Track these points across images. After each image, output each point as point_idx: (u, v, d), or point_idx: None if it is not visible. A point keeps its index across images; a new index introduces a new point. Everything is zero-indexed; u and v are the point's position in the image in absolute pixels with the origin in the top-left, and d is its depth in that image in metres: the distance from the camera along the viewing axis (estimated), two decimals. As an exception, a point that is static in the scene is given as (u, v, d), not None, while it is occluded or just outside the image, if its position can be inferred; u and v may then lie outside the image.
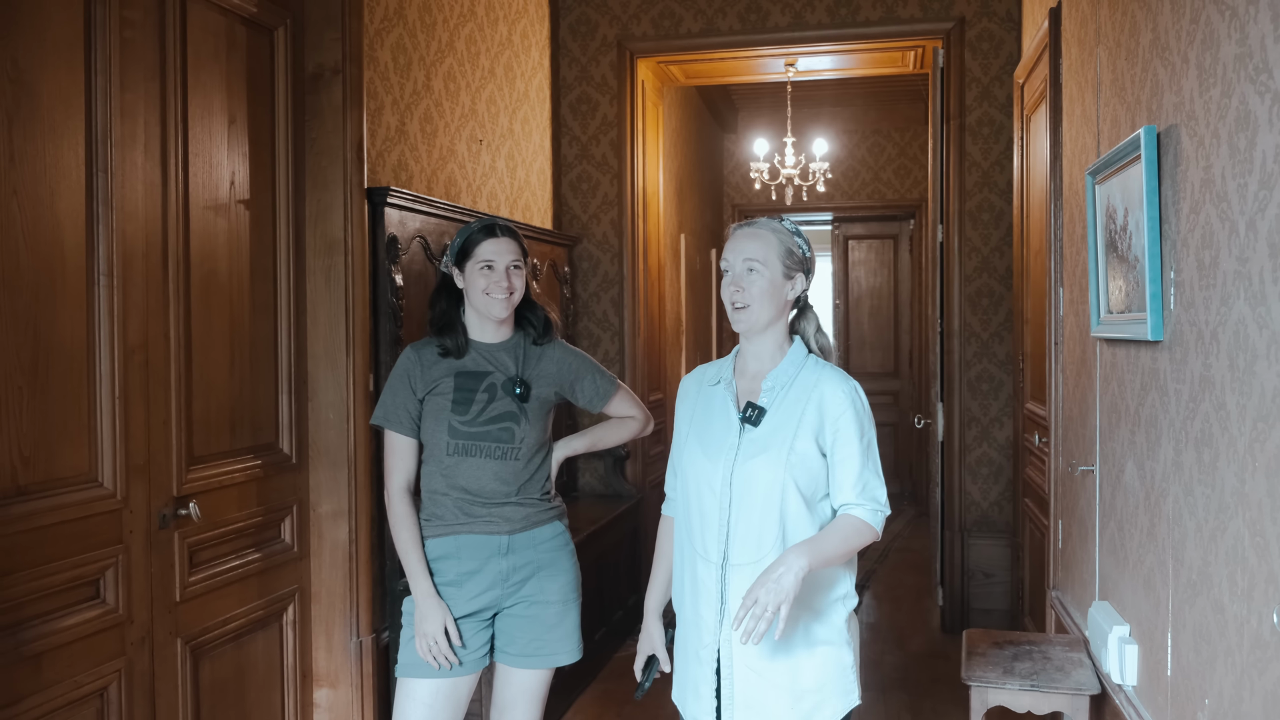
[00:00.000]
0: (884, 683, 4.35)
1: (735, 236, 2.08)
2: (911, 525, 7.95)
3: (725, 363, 2.16)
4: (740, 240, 2.07)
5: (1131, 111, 2.62)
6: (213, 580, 2.72)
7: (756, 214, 9.54)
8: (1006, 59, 4.93)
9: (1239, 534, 1.85)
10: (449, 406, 2.42)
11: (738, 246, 2.06)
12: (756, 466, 1.99)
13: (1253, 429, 1.78)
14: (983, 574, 5.02)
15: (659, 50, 5.24)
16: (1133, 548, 2.63)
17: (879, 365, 9.54)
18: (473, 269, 2.43)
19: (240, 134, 2.85)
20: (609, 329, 5.27)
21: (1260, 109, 1.73)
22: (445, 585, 2.40)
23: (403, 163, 3.56)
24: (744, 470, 1.99)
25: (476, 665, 2.42)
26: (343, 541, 3.15)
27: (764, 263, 2.04)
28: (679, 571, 2.12)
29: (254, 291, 2.92)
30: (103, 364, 2.35)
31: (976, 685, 2.84)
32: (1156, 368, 2.39)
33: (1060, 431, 3.62)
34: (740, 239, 2.07)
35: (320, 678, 3.18)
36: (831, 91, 8.00)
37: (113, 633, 2.38)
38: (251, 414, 2.91)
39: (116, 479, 2.38)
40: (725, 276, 2.06)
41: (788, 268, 2.07)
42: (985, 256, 5.00)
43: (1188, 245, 2.14)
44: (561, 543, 2.50)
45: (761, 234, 2.07)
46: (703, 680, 2.05)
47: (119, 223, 2.38)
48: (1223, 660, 1.95)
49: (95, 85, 2.32)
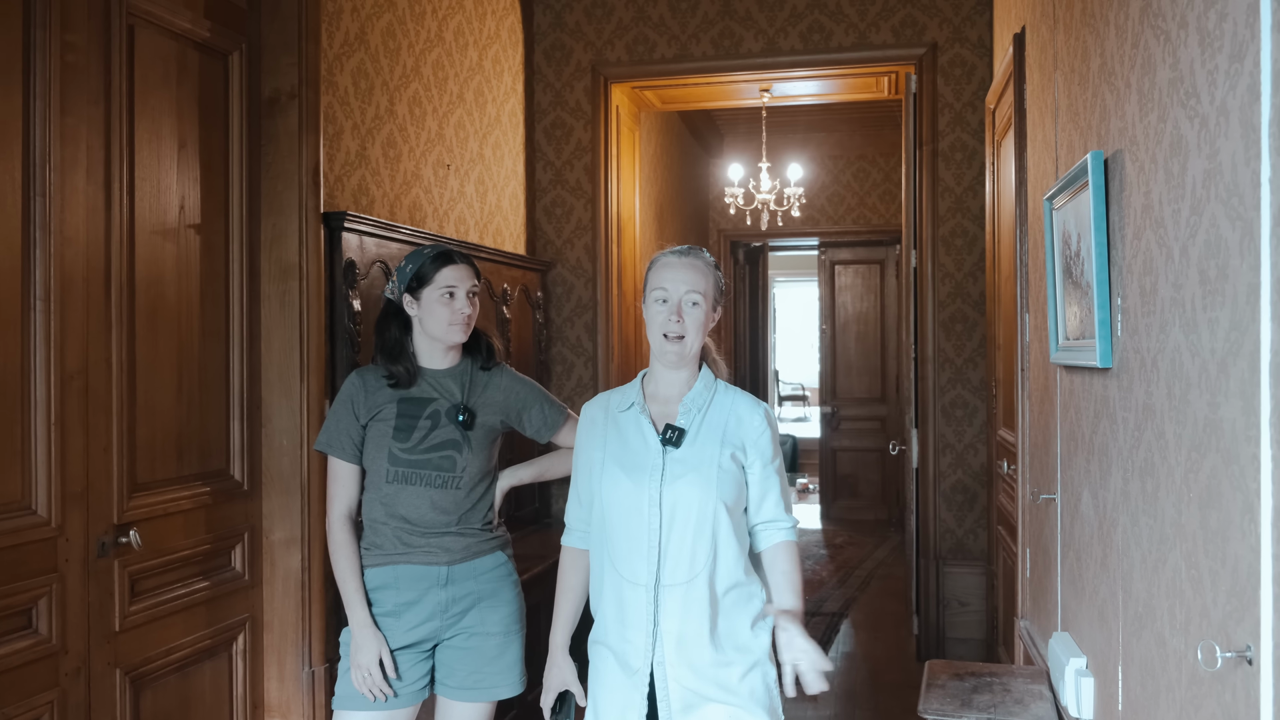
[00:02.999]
0: (855, 714, 4.29)
1: (673, 265, 2.08)
2: (896, 552, 7.89)
3: (631, 388, 2.16)
4: (682, 270, 2.07)
5: (1084, 136, 2.61)
6: (156, 609, 2.67)
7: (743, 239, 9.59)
8: (979, 84, 4.93)
9: (1177, 566, 1.82)
10: (390, 433, 2.38)
11: (680, 276, 2.06)
12: (685, 486, 2.01)
13: (1188, 458, 1.75)
14: (958, 602, 4.96)
15: (633, 75, 5.24)
16: (1089, 578, 2.59)
17: (865, 390, 9.51)
18: (431, 296, 2.40)
19: (191, 158, 2.83)
20: (582, 354, 5.24)
21: (1190, 133, 1.71)
22: (383, 615, 2.36)
23: (364, 187, 3.54)
24: (672, 491, 2.01)
25: (415, 698, 2.38)
26: (295, 570, 3.11)
27: (704, 295, 2.06)
28: (601, 601, 2.10)
29: (204, 316, 2.89)
30: (38, 389, 2.31)
31: (933, 718, 2.78)
32: (1107, 395, 2.36)
33: (1028, 459, 3.59)
34: (681, 269, 2.07)
35: (272, 708, 3.12)
36: (815, 117, 8.01)
37: (45, 663, 2.33)
38: (200, 440, 2.87)
39: (51, 506, 2.34)
40: (659, 305, 2.06)
41: (715, 300, 2.13)
42: (959, 282, 4.98)
43: (1132, 271, 2.12)
44: (504, 574, 2.46)
45: (699, 265, 2.10)
46: (630, 706, 2.04)
47: (57, 246, 2.35)
48: (1165, 695, 1.91)
49: (34, 109, 2.30)
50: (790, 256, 14.13)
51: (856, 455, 9.47)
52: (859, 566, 7.39)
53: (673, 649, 1.99)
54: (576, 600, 2.21)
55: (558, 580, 2.25)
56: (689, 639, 1.99)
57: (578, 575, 2.21)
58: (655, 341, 2.07)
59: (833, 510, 9.41)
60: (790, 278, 16.70)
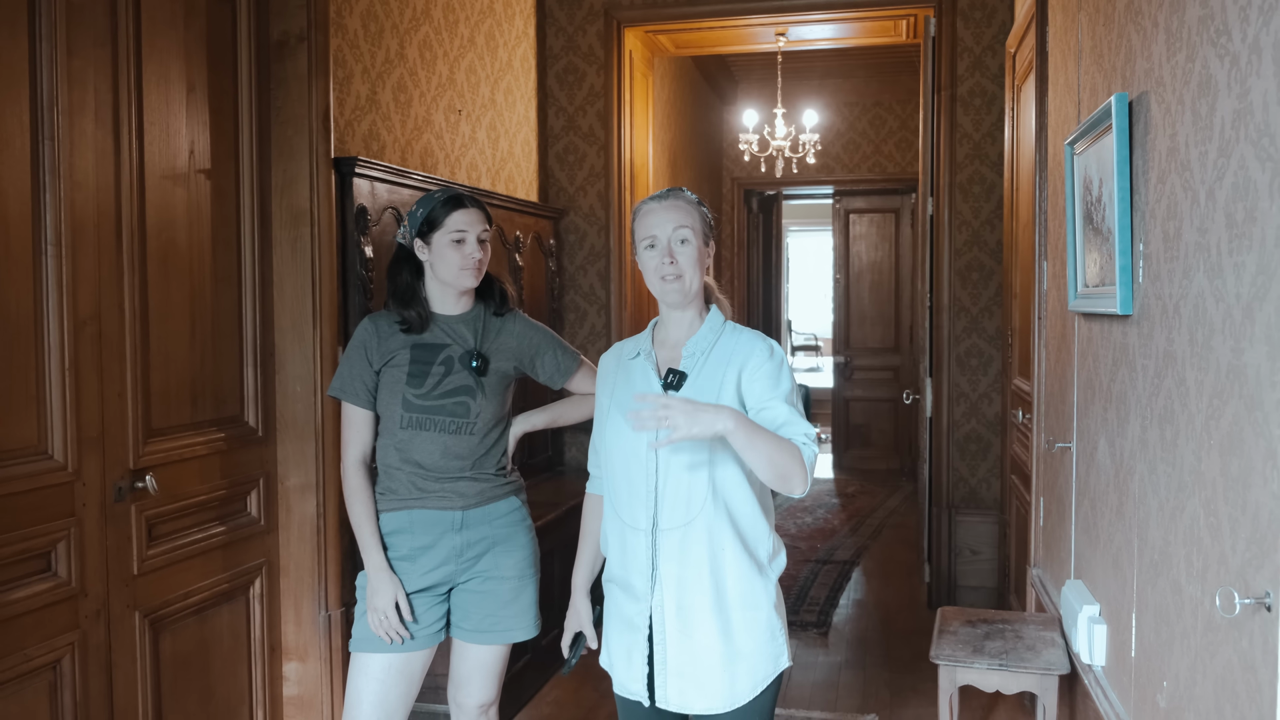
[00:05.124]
0: (866, 660, 4.32)
1: (654, 210, 2.08)
2: (908, 501, 7.91)
3: (643, 336, 2.15)
4: (664, 212, 2.07)
5: (1108, 79, 2.55)
6: (173, 554, 2.69)
7: (757, 187, 9.51)
8: (999, 28, 4.83)
9: (1195, 514, 1.80)
10: (404, 379, 2.38)
11: (664, 218, 2.06)
12: None
13: (1209, 405, 1.73)
14: (970, 550, 4.98)
15: (647, 19, 5.15)
16: (1104, 526, 2.58)
17: (879, 340, 9.47)
18: (441, 240, 2.38)
19: (200, 102, 2.80)
20: (595, 302, 5.22)
21: (1220, 72, 1.67)
22: (399, 560, 2.37)
23: (374, 132, 3.50)
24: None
25: (431, 640, 2.40)
26: (311, 515, 3.13)
27: (692, 229, 2.05)
28: (608, 545, 2.14)
29: (216, 263, 2.87)
30: (51, 335, 2.31)
31: (945, 664, 2.80)
32: (1126, 343, 2.34)
33: (1043, 408, 3.57)
34: (663, 210, 2.07)
35: (289, 651, 3.16)
36: (831, 63, 7.88)
37: (65, 605, 2.36)
38: (214, 386, 2.87)
39: (67, 451, 2.35)
40: (650, 250, 2.05)
41: (705, 235, 2.10)
42: (976, 230, 4.93)
43: (1155, 216, 2.08)
44: (518, 518, 2.46)
45: (680, 204, 2.08)
46: (635, 647, 2.06)
47: (67, 191, 2.34)
48: (1180, 642, 1.91)
49: (40, 51, 2.27)
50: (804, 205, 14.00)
51: (869, 405, 9.46)
52: (870, 515, 7.42)
53: (672, 591, 2.01)
54: (596, 544, 2.23)
55: (581, 525, 2.28)
56: (688, 582, 2.00)
57: (596, 520, 2.23)
58: (654, 287, 2.06)
59: (845, 460, 9.42)
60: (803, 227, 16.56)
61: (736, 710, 2.03)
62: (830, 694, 3.94)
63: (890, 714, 3.71)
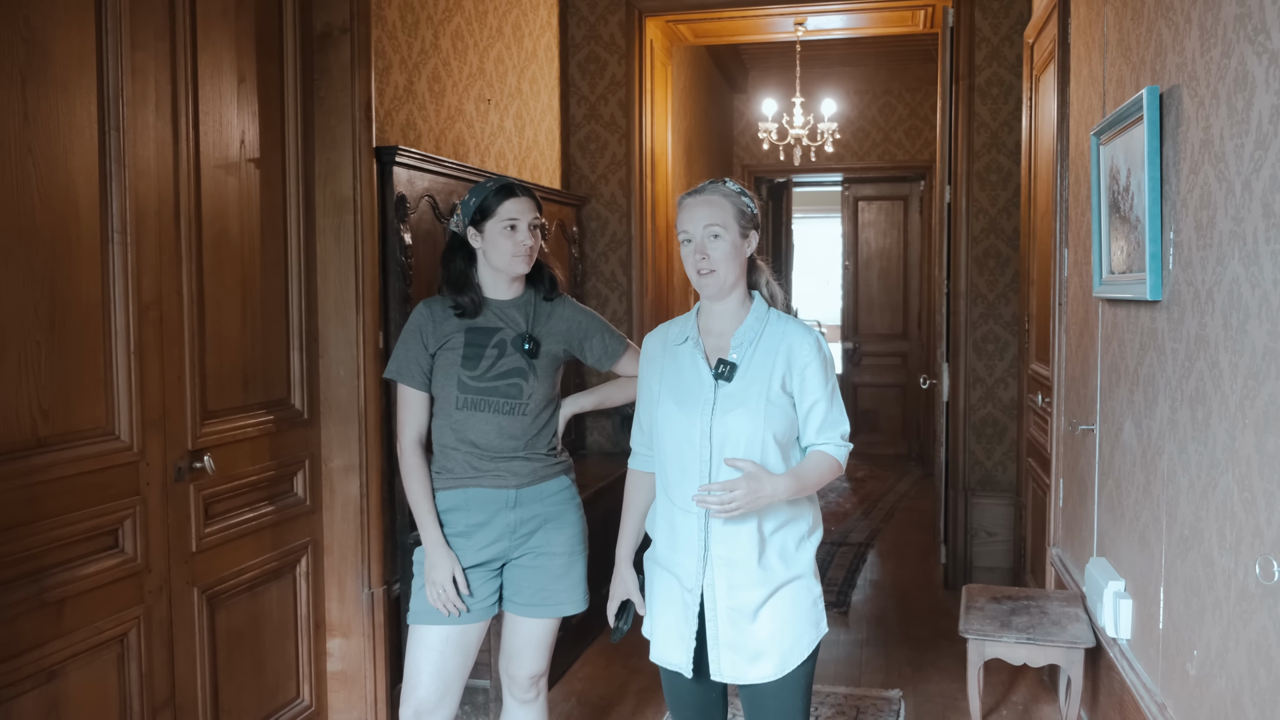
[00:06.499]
0: (886, 638, 4.42)
1: (689, 206, 2.16)
2: (918, 485, 8.01)
3: (687, 321, 2.23)
4: (697, 208, 2.14)
5: (1136, 72, 2.62)
6: (227, 532, 2.78)
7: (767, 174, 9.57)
8: (1017, 18, 4.90)
9: (1228, 489, 1.89)
10: (459, 361, 2.46)
11: (696, 215, 2.13)
12: (735, 420, 2.08)
13: (1244, 386, 1.81)
14: (985, 532, 5.08)
15: (668, 9, 5.22)
16: (1129, 505, 2.67)
17: (888, 327, 9.55)
18: (494, 228, 2.46)
19: (250, 93, 2.88)
20: (617, 289, 5.30)
21: (1258, 69, 1.75)
22: (454, 536, 2.46)
23: (411, 122, 3.58)
24: (723, 424, 2.08)
25: (485, 613, 2.49)
26: (354, 495, 3.21)
27: (724, 226, 2.12)
28: (656, 524, 2.22)
29: (265, 249, 2.96)
30: (117, 319, 2.39)
31: (974, 638, 2.90)
32: (1155, 327, 2.42)
33: (1063, 391, 3.66)
34: (696, 207, 2.14)
35: (333, 627, 3.25)
36: (842, 51, 7.94)
37: (131, 581, 2.45)
38: (263, 370, 2.96)
39: (133, 432, 2.44)
40: (686, 245, 2.14)
41: (742, 227, 2.16)
42: (993, 218, 5.01)
43: (1186, 205, 2.16)
44: (568, 496, 2.55)
45: (715, 199, 2.15)
46: (685, 624, 2.14)
47: (131, 180, 2.42)
48: (1211, 612, 2.00)
49: (106, 44, 2.35)
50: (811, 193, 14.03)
51: (877, 391, 9.55)
52: (882, 499, 7.52)
53: (723, 572, 2.10)
54: (639, 518, 2.33)
55: (624, 498, 2.37)
56: (738, 562, 2.10)
57: (639, 494, 2.32)
58: (693, 280, 2.15)
59: (854, 444, 9.51)
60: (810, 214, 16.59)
61: (785, 676, 2.12)
62: (854, 670, 4.04)
63: (914, 688, 3.81)
